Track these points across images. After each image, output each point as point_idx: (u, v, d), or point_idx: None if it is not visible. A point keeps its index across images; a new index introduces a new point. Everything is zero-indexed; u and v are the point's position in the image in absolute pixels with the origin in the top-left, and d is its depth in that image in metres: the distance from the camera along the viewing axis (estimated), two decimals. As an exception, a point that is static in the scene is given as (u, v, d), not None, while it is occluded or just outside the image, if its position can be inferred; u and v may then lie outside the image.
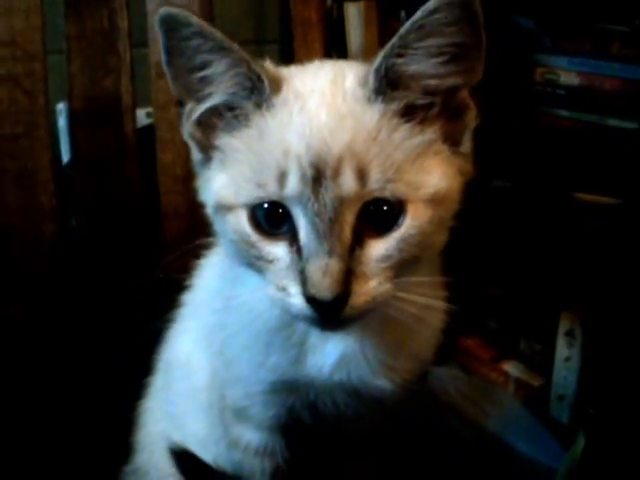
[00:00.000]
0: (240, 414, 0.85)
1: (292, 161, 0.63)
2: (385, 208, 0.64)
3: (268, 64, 0.71)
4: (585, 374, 1.32)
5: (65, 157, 1.52)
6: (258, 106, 0.66)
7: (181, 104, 0.71)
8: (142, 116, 1.38)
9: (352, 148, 0.63)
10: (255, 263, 0.68)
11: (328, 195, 0.62)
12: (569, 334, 1.33)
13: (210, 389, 0.91)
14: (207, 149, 0.71)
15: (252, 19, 1.74)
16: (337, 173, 0.62)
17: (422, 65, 0.64)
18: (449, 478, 1.12)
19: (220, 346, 0.85)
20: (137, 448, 1.03)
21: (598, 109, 1.29)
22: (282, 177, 0.63)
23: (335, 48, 1.30)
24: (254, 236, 0.66)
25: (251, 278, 0.72)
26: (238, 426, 0.86)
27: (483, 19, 0.62)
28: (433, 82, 0.65)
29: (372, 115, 0.64)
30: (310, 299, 0.63)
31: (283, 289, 0.65)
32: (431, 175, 0.65)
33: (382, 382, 0.78)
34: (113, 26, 1.20)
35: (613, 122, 1.27)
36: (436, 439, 1.20)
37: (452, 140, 0.68)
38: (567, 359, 1.34)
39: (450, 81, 0.65)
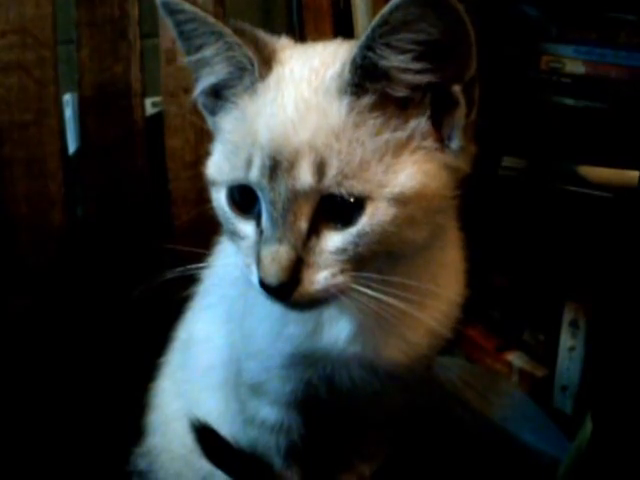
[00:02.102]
0: (257, 389, 0.86)
1: (256, 149, 0.65)
2: (342, 204, 0.63)
3: (283, 39, 0.74)
4: (589, 364, 1.33)
5: (71, 148, 1.52)
6: (246, 89, 0.69)
7: (195, 78, 0.74)
8: (148, 106, 1.38)
9: (312, 143, 0.63)
10: (232, 238, 0.71)
11: (282, 187, 0.63)
12: (573, 324, 1.33)
13: (227, 365, 0.91)
14: (213, 126, 0.75)
15: (260, 10, 1.74)
16: (293, 166, 0.63)
17: (392, 60, 0.62)
18: (453, 467, 1.13)
19: (239, 319, 0.86)
20: (150, 430, 1.03)
21: (604, 98, 1.30)
22: (249, 163, 0.65)
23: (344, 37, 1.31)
24: (230, 213, 0.70)
25: None
26: (254, 402, 0.87)
27: (468, 16, 0.60)
28: (408, 77, 0.63)
29: (340, 110, 0.64)
30: (261, 283, 0.66)
31: (247, 266, 0.68)
32: (400, 174, 0.63)
33: (397, 356, 0.78)
34: (123, 13, 1.21)
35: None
36: (440, 428, 1.21)
37: (439, 136, 0.66)
38: (571, 349, 1.34)
39: (428, 77, 0.63)
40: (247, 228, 0.69)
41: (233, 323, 0.89)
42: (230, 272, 0.88)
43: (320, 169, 0.62)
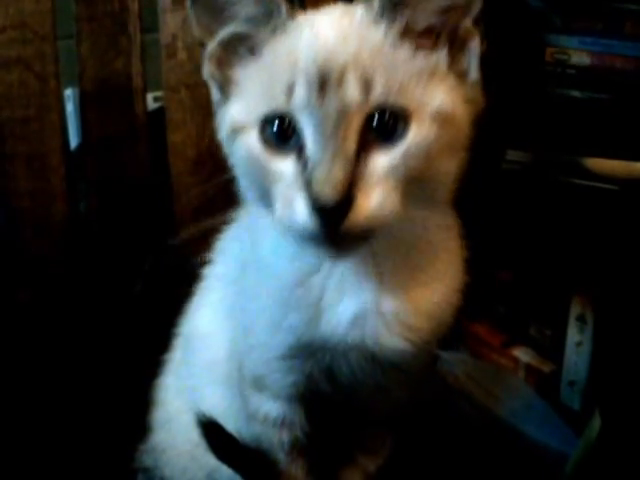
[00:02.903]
0: (258, 383, 0.86)
1: (299, 72, 0.66)
2: (390, 119, 0.65)
3: None
4: (596, 359, 1.31)
5: (73, 142, 1.52)
6: (273, 31, 0.70)
7: (202, 46, 0.74)
8: (150, 100, 1.38)
9: (357, 59, 0.65)
10: (264, 185, 0.69)
11: (332, 103, 0.64)
12: (580, 319, 1.32)
13: (229, 361, 0.91)
14: (225, 86, 0.74)
15: None
16: (341, 81, 0.64)
17: None
18: (459, 463, 1.12)
19: (239, 314, 0.86)
20: (154, 426, 1.03)
21: (610, 89, 1.28)
22: (290, 89, 0.66)
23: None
24: (263, 153, 0.68)
25: (269, 236, 0.75)
26: (256, 397, 0.87)
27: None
28: (427, 7, 0.68)
29: (376, 34, 0.67)
30: (314, 208, 0.64)
31: (289, 204, 0.66)
32: (436, 96, 0.67)
33: (397, 341, 0.77)
34: (123, 8, 1.20)
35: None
36: (446, 424, 1.20)
37: (458, 70, 0.70)
38: (578, 344, 1.33)
39: (448, 2, 0.68)
40: (284, 164, 0.67)
41: (234, 319, 0.88)
42: (231, 268, 0.90)
43: (366, 84, 0.64)
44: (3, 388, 1.15)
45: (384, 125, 0.65)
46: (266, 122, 0.68)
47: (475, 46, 0.70)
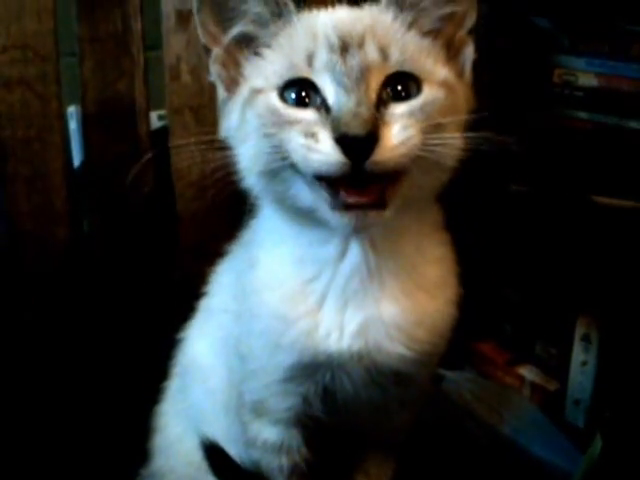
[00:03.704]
0: (257, 409, 0.87)
1: (320, 41, 0.72)
2: (405, 82, 0.71)
3: None
4: (601, 379, 1.31)
5: (76, 160, 1.51)
6: (284, 24, 0.75)
7: (207, 51, 0.78)
8: (154, 119, 1.37)
9: (373, 30, 0.72)
10: (280, 135, 0.70)
11: (355, 60, 0.70)
12: (585, 338, 1.32)
13: (227, 389, 0.92)
14: (233, 84, 0.78)
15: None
16: (362, 45, 0.71)
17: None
18: (464, 482, 1.12)
19: (236, 342, 0.87)
20: (154, 452, 1.05)
21: (617, 111, 1.27)
22: (309, 57, 0.71)
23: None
24: (283, 106, 0.71)
25: (273, 241, 0.80)
26: (255, 423, 0.88)
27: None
28: (431, 13, 0.76)
29: (387, 15, 0.75)
30: (340, 140, 0.66)
31: (312, 135, 0.68)
32: (441, 70, 0.74)
33: (399, 349, 0.78)
34: (126, 28, 1.19)
35: (633, 124, 1.26)
36: (451, 443, 1.20)
37: (455, 69, 0.77)
38: (583, 363, 1.33)
39: (448, 9, 0.76)
40: (304, 113, 0.70)
41: (231, 348, 0.89)
42: (226, 300, 0.92)
43: (384, 51, 0.71)
44: (6, 411, 1.14)
45: (402, 86, 0.71)
46: (285, 88, 0.72)
47: (469, 52, 0.78)
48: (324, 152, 0.66)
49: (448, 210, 0.85)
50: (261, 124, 0.72)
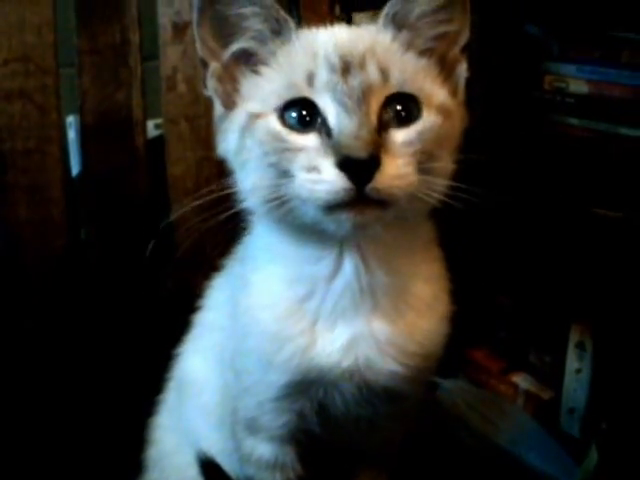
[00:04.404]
0: (251, 425, 0.86)
1: (320, 60, 0.72)
2: (404, 103, 0.72)
3: None
4: (596, 387, 1.31)
5: (75, 169, 1.52)
6: (283, 42, 0.75)
7: (204, 66, 0.78)
8: (151, 127, 1.38)
9: (373, 49, 0.73)
10: (282, 162, 0.70)
11: (356, 80, 0.70)
12: (579, 346, 1.32)
13: (222, 405, 0.92)
14: (229, 100, 0.78)
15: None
16: (363, 65, 0.71)
17: (411, 18, 0.76)
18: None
19: (230, 357, 0.87)
20: (148, 464, 1.05)
21: (608, 117, 1.28)
22: (311, 76, 0.71)
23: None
24: (284, 131, 0.71)
25: (267, 260, 0.79)
26: (250, 439, 0.87)
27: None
28: (425, 32, 0.77)
29: (386, 35, 0.76)
30: (343, 164, 0.66)
31: (314, 168, 0.68)
32: (439, 92, 0.75)
33: (391, 366, 0.79)
34: (124, 40, 1.21)
35: (624, 131, 1.26)
36: (446, 453, 1.20)
37: (449, 88, 0.77)
38: (577, 371, 1.33)
39: (442, 29, 0.77)
40: (306, 139, 0.70)
41: (225, 364, 0.90)
42: (220, 316, 0.92)
43: (384, 72, 0.72)
44: (3, 418, 1.15)
45: (402, 107, 0.72)
46: (285, 109, 0.72)
47: (462, 70, 0.79)
48: (328, 180, 0.67)
49: (441, 219, 0.84)
50: (263, 153, 0.72)
